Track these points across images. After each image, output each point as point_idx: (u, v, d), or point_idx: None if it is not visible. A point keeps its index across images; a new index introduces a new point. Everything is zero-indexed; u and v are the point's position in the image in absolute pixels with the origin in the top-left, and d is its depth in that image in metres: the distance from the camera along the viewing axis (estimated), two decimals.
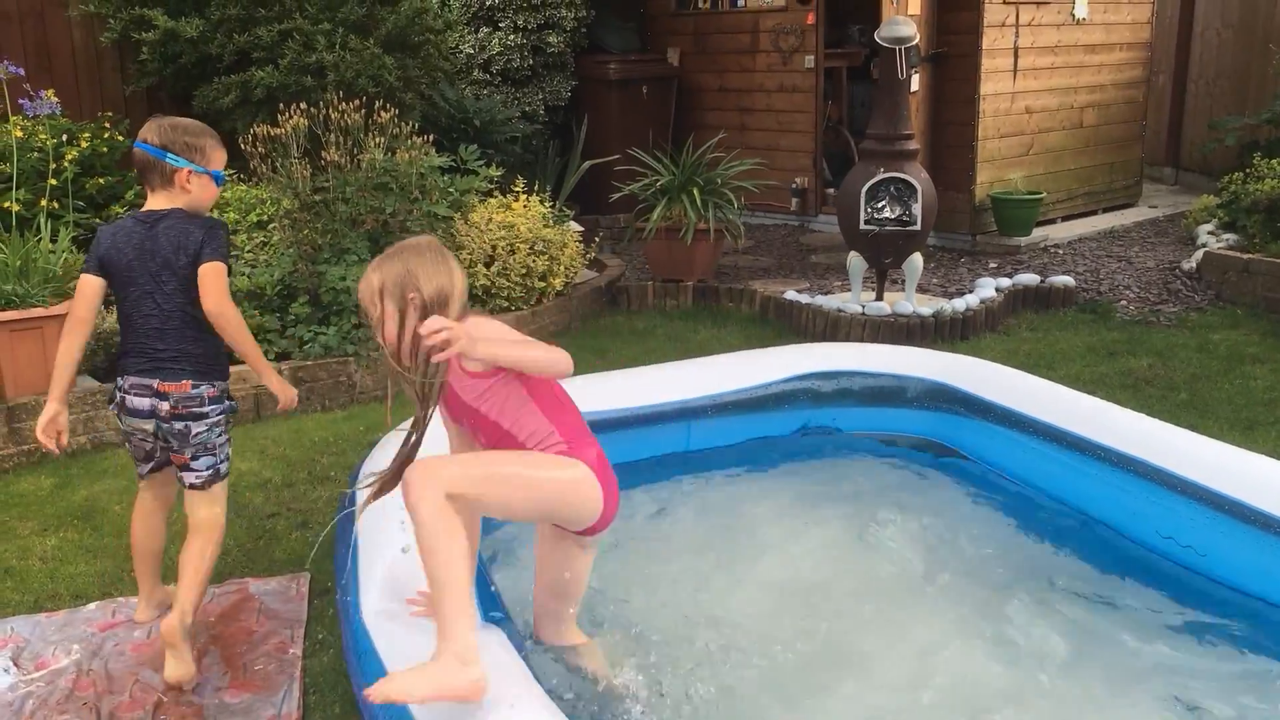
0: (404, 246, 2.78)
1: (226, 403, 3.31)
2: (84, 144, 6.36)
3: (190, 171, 3.22)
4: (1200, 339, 6.28)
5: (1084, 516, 3.75)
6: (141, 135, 3.24)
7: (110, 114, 7.02)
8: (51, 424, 3.27)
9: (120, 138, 6.73)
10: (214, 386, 3.25)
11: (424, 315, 2.58)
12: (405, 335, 2.65)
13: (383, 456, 3.52)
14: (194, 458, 3.24)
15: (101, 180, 6.45)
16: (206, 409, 3.23)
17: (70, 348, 3.23)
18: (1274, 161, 7.81)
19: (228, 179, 6.68)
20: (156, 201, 3.24)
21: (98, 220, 6.30)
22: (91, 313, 3.26)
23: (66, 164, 6.04)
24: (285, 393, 3.45)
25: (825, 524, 3.81)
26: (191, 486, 3.28)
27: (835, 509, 3.92)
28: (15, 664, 3.28)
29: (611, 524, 2.77)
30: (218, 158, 3.31)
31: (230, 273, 3.25)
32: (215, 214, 6.18)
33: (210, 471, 3.28)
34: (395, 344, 2.68)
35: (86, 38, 7.28)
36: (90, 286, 3.24)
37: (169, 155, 3.20)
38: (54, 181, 5.87)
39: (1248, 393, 5.39)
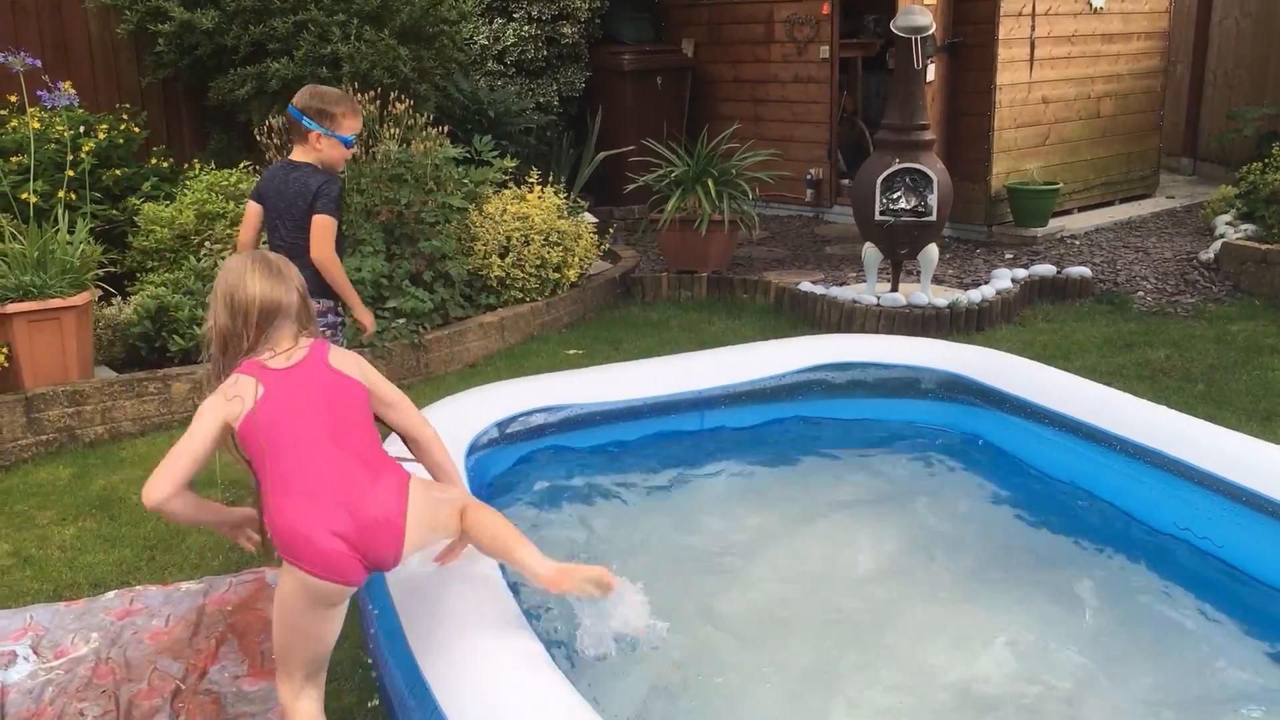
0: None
1: (331, 317, 3.92)
2: (101, 135, 6.39)
3: (320, 134, 3.80)
4: (1218, 330, 6.24)
5: (1101, 506, 3.73)
6: (294, 99, 3.87)
7: (127, 106, 7.05)
8: None
9: (137, 129, 6.75)
10: (319, 303, 3.62)
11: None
12: None
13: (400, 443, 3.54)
14: None
15: (118, 171, 6.49)
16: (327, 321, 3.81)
17: None
18: None
19: (245, 169, 6.70)
20: (297, 154, 3.88)
21: (114, 212, 6.34)
22: (253, 235, 3.95)
23: (84, 155, 6.07)
24: (367, 321, 4.17)
25: (839, 515, 3.81)
26: None
27: (849, 500, 3.92)
28: (35, 652, 3.31)
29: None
30: (348, 124, 3.85)
31: (341, 225, 3.90)
32: (231, 205, 6.21)
33: None
34: None
35: (103, 30, 7.31)
36: (252, 211, 3.96)
37: (304, 118, 3.79)
38: (71, 173, 5.90)
39: (1266, 384, 5.36)
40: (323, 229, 3.80)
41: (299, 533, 2.35)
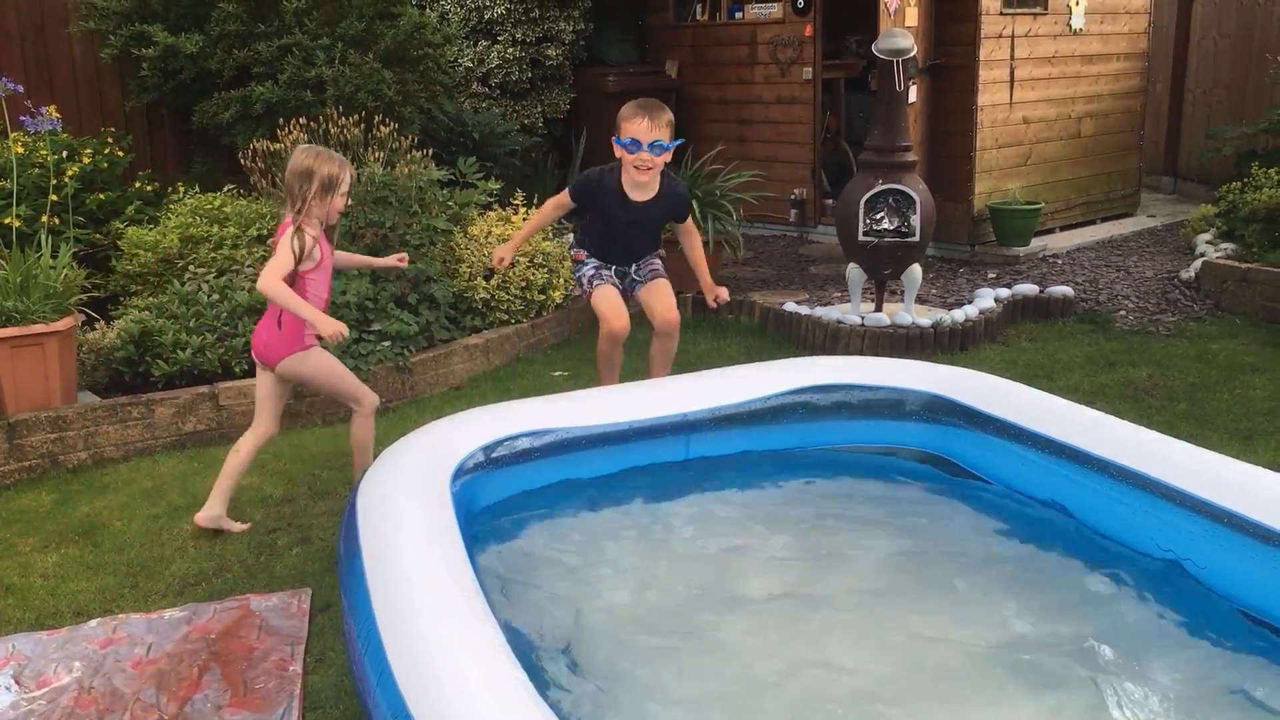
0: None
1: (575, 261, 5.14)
2: (85, 160, 6.38)
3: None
4: (1199, 349, 6.29)
5: (1082, 528, 3.74)
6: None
7: (111, 130, 7.05)
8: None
9: (121, 153, 6.75)
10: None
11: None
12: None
13: (385, 467, 3.53)
14: None
15: (102, 196, 6.48)
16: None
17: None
18: (1271, 171, 7.83)
19: (229, 193, 6.70)
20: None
21: (98, 236, 6.32)
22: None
23: (67, 180, 6.06)
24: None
25: (821, 538, 3.81)
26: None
27: (832, 523, 3.92)
28: (17, 682, 3.29)
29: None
30: (624, 129, 4.64)
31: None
32: (215, 229, 6.21)
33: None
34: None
35: (87, 54, 7.31)
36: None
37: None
38: (55, 197, 5.89)
39: (1247, 402, 5.40)
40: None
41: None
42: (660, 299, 5.10)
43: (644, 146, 4.71)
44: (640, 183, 4.86)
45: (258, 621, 3.59)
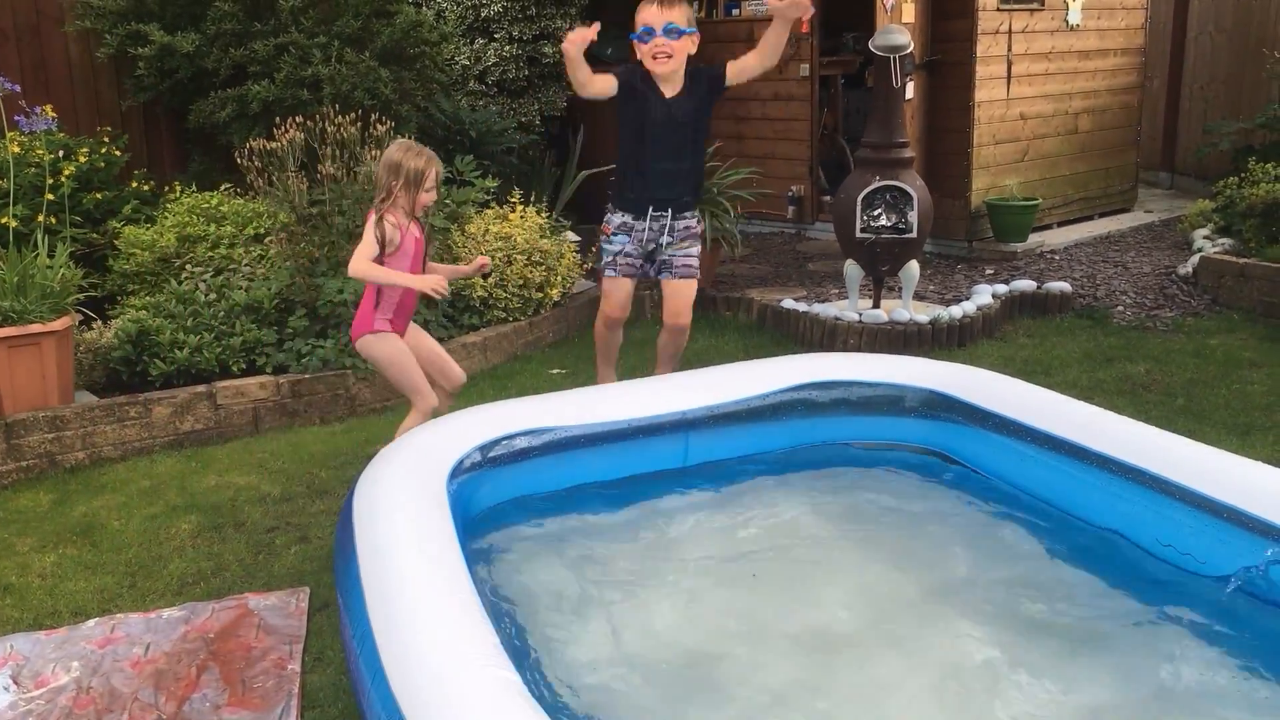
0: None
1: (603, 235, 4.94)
2: (81, 159, 6.37)
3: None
4: (1197, 344, 6.29)
5: (1083, 524, 3.74)
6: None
7: (108, 129, 7.04)
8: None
9: (117, 153, 6.74)
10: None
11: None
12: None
13: (382, 467, 3.53)
14: None
15: (99, 195, 6.47)
16: None
17: None
18: (1269, 165, 7.83)
19: (226, 192, 6.69)
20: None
21: (95, 235, 6.32)
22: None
23: (64, 179, 6.06)
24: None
25: (820, 535, 3.81)
26: None
27: (832, 521, 3.92)
28: (15, 682, 3.28)
29: None
30: (636, 21, 4.55)
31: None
32: (212, 228, 6.20)
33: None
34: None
35: (83, 53, 7.30)
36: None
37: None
38: (51, 197, 5.88)
39: (1245, 397, 5.40)
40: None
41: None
42: (679, 298, 5.03)
43: (658, 31, 4.57)
44: (663, 75, 4.73)
45: (256, 621, 3.59)
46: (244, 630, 3.53)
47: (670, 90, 4.82)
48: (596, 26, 4.58)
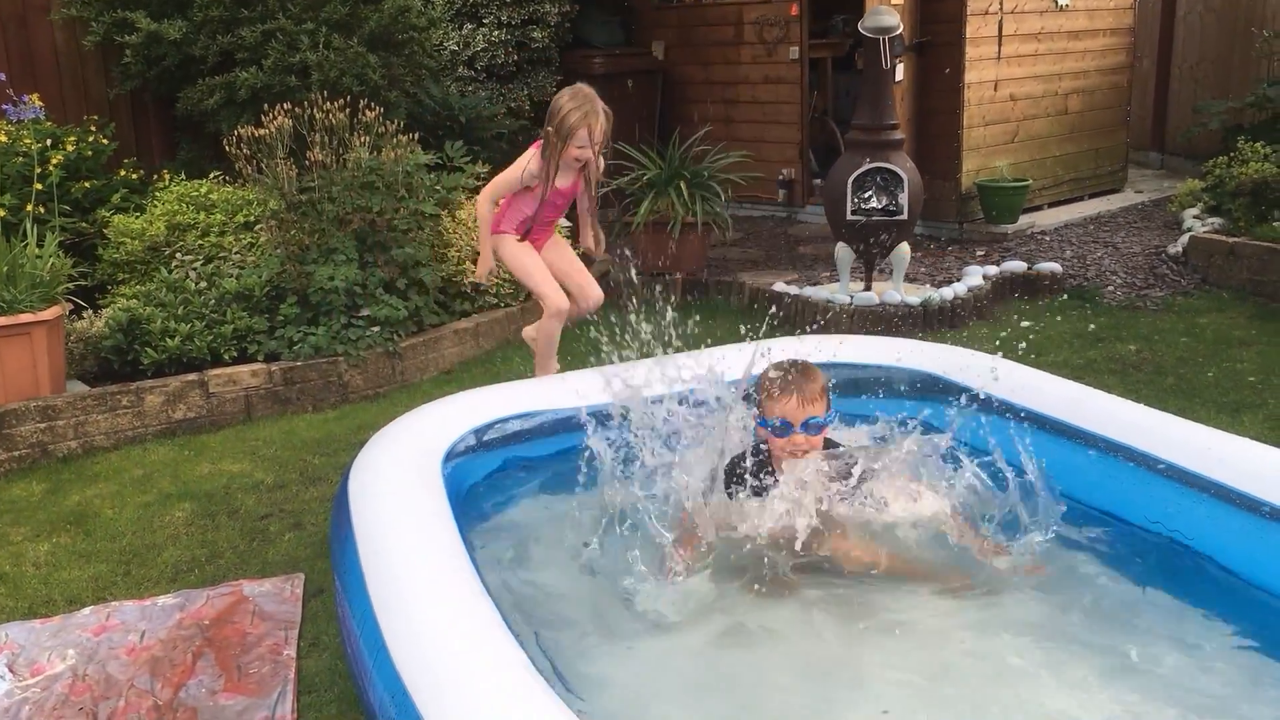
0: (584, 92, 4.55)
1: None
2: (69, 148, 6.34)
3: None
4: (1187, 323, 6.31)
5: (1072, 503, 3.76)
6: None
7: (95, 117, 7.00)
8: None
9: (105, 141, 6.71)
10: None
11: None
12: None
13: (375, 452, 3.53)
14: None
15: (87, 184, 6.44)
16: None
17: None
18: (1258, 144, 7.84)
19: (215, 179, 6.66)
20: None
21: (84, 224, 6.30)
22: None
23: (52, 168, 6.03)
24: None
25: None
26: None
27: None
28: (11, 670, 3.29)
29: None
30: (767, 408, 3.36)
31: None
32: (202, 216, 6.18)
33: None
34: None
35: (69, 42, 7.25)
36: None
37: None
38: (39, 186, 5.86)
39: (1234, 375, 5.42)
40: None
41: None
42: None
43: (796, 427, 3.40)
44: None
45: (251, 607, 3.60)
46: (239, 616, 3.55)
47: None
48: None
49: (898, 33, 6.43)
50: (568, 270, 4.96)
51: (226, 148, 5.94)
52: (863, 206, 6.48)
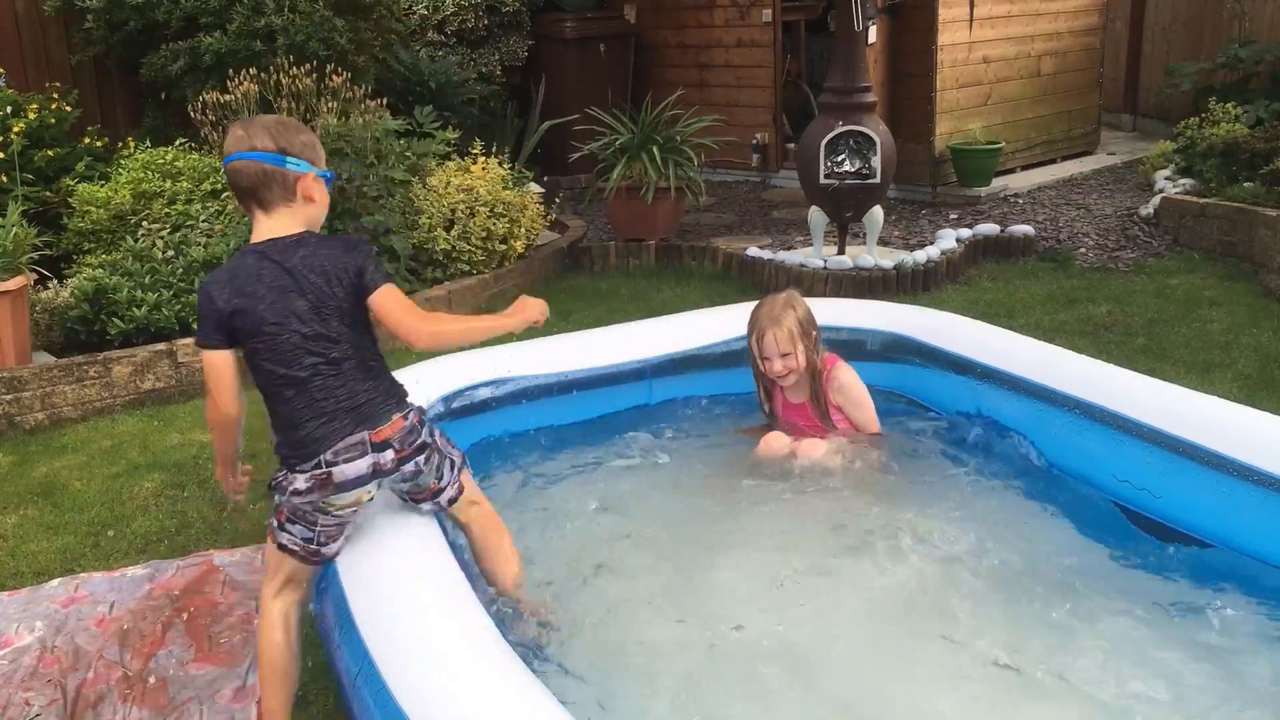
0: (776, 301, 3.84)
1: (425, 418, 2.81)
2: (31, 116, 6.25)
3: (314, 176, 2.64)
4: (1158, 284, 6.33)
5: (1043, 462, 3.78)
6: (243, 144, 2.59)
7: (58, 85, 6.89)
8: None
9: (68, 108, 6.61)
10: (412, 410, 2.75)
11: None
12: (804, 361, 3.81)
13: None
14: (439, 479, 2.82)
15: (50, 152, 6.35)
16: (424, 437, 2.73)
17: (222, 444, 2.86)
18: (1229, 105, 7.86)
19: (181, 147, 6.58)
20: (277, 224, 2.61)
21: (48, 194, 6.20)
22: (235, 400, 2.69)
23: (13, 137, 5.94)
24: (526, 313, 3.01)
25: (790, 480, 3.83)
26: (450, 502, 2.86)
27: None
28: None
29: None
30: (323, 154, 2.74)
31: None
32: (168, 184, 6.10)
33: (455, 474, 2.86)
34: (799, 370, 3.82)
35: (30, 7, 7.13)
36: (221, 365, 2.65)
37: (289, 160, 2.59)
38: (1, 155, 5.76)
39: (1204, 335, 5.45)
40: (397, 301, 2.66)
41: None
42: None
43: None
44: None
45: (221, 577, 3.58)
46: (209, 586, 3.53)
47: None
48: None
49: None
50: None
51: (192, 114, 5.86)
52: (836, 170, 6.45)
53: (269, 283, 2.55)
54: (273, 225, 2.61)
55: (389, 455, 2.65)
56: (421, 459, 2.73)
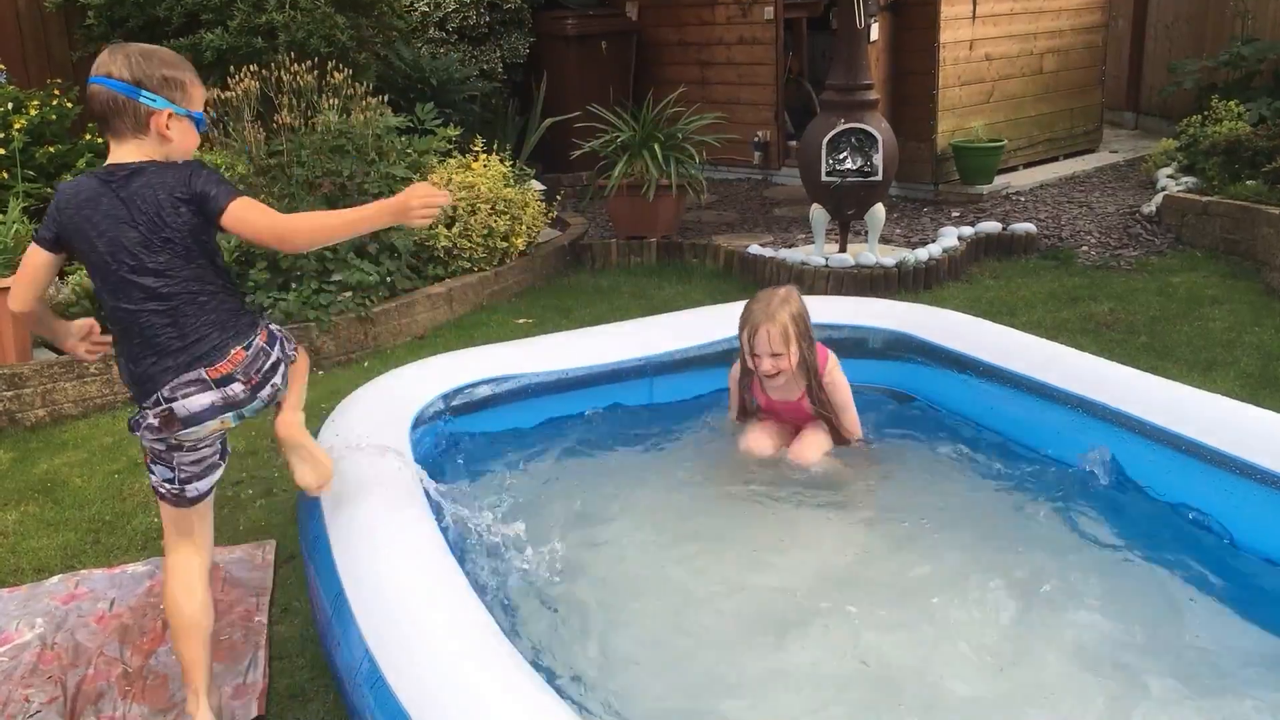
0: (773, 296, 3.70)
1: (271, 329, 2.73)
2: (32, 112, 6.24)
3: (171, 114, 2.55)
4: (1160, 282, 6.32)
5: (1045, 459, 3.78)
6: (102, 68, 2.53)
7: (59, 81, 6.88)
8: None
9: (69, 104, 6.61)
10: (255, 336, 2.64)
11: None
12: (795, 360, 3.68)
13: (344, 418, 3.51)
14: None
15: (51, 149, 6.34)
16: (275, 355, 2.68)
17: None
18: (1231, 103, 7.85)
19: None
20: (124, 153, 2.56)
21: (49, 190, 6.19)
22: (39, 292, 2.62)
23: (15, 133, 5.93)
24: (409, 203, 2.74)
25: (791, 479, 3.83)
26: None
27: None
28: None
29: None
30: (198, 95, 2.64)
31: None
32: None
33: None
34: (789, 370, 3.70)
35: (31, 3, 7.12)
36: (38, 263, 2.59)
37: (144, 93, 2.52)
38: (2, 151, 5.76)
39: (1206, 334, 5.44)
40: (249, 208, 2.58)
41: None
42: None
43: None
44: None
45: (222, 574, 3.57)
46: (210, 583, 3.51)
47: None
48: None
49: None
50: None
51: None
52: (837, 168, 6.44)
53: (105, 211, 2.52)
54: (121, 155, 2.57)
55: (237, 388, 2.60)
56: (277, 378, 2.69)
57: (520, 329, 5.99)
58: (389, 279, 5.99)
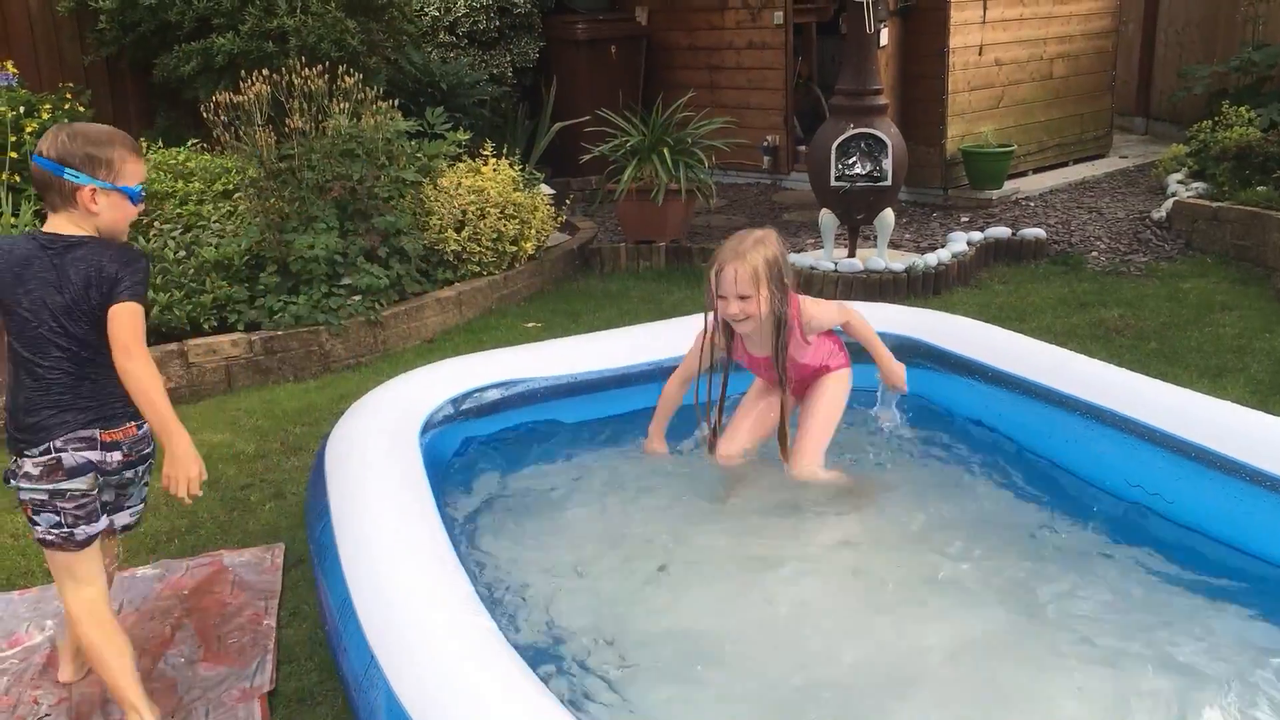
0: (747, 236, 3.43)
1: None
2: (44, 115, 6.27)
3: (95, 189, 2.66)
4: (1170, 288, 6.31)
5: (1053, 465, 3.77)
6: (39, 147, 2.69)
7: (70, 85, 6.92)
8: None
9: (81, 108, 6.64)
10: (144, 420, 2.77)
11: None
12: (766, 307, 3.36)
13: (353, 421, 3.51)
14: (130, 498, 2.91)
15: None
16: (150, 449, 2.86)
17: None
18: (1242, 109, 7.83)
19: (193, 147, 6.59)
20: (58, 223, 2.68)
21: None
22: None
23: (26, 136, 5.95)
24: (189, 467, 2.74)
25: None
26: (125, 529, 2.96)
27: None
28: None
29: None
30: (132, 170, 2.72)
31: (146, 314, 2.72)
32: (180, 184, 6.11)
33: (141, 505, 2.97)
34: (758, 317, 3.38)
35: (43, 8, 7.15)
36: None
37: (66, 170, 2.63)
38: (14, 154, 5.79)
39: (1217, 340, 5.43)
40: (130, 319, 2.64)
41: None
42: None
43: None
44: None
45: (231, 577, 3.58)
46: (219, 587, 3.54)
47: None
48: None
49: None
50: None
51: (204, 115, 5.86)
52: (847, 173, 6.44)
53: (36, 272, 2.65)
54: (57, 225, 2.70)
55: (115, 456, 2.76)
56: (142, 468, 2.86)
57: (529, 333, 5.99)
58: (398, 283, 6.00)
